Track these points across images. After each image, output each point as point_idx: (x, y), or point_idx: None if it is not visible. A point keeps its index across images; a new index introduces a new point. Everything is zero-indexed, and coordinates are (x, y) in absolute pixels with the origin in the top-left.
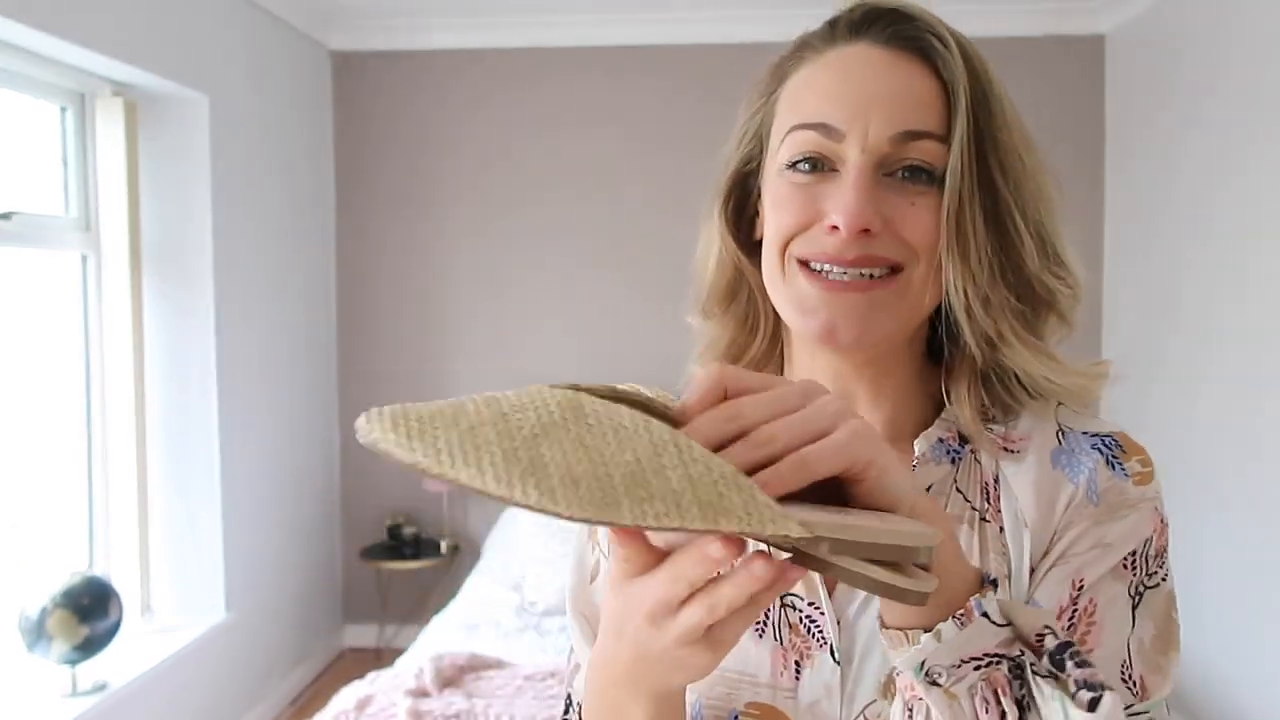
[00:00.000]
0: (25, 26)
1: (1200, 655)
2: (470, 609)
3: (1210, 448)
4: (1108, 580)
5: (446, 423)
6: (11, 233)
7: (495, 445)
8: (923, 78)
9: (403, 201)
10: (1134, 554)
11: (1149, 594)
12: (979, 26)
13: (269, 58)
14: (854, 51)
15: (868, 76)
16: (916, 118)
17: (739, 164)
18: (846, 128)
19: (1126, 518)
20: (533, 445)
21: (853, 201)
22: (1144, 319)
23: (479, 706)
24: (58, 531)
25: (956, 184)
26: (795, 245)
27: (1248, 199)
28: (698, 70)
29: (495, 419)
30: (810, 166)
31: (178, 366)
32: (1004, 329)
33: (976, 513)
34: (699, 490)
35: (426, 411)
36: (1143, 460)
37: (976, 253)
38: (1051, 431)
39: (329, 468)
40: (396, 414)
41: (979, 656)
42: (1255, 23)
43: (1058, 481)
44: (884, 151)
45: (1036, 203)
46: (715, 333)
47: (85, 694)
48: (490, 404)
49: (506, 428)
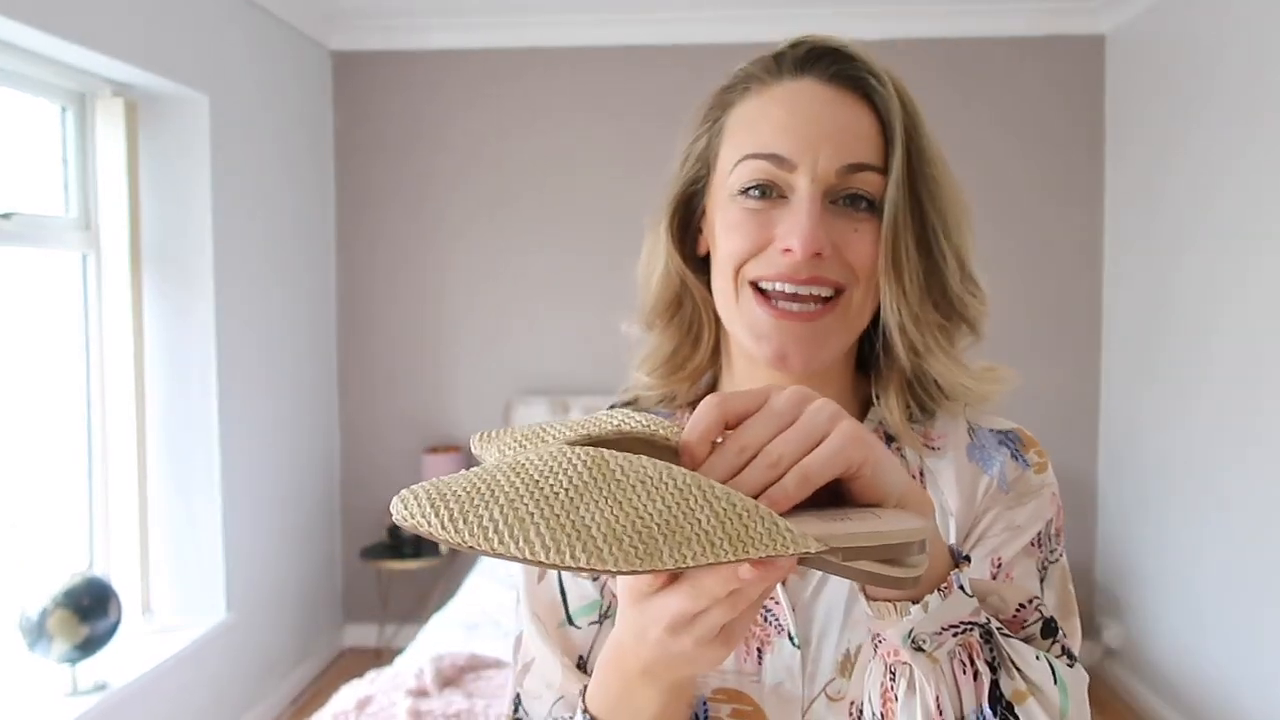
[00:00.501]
0: (25, 26)
1: (1199, 654)
2: (470, 609)
3: (1209, 446)
4: (1020, 557)
5: (485, 499)
6: (11, 233)
7: (538, 516)
8: (863, 114)
9: (403, 201)
10: (1040, 534)
11: (1052, 568)
12: (980, 26)
13: (269, 58)
14: (801, 87)
15: (816, 111)
16: (860, 151)
17: (684, 185)
18: (798, 159)
19: (1030, 502)
20: (572, 510)
21: (807, 226)
22: (1143, 318)
23: (479, 706)
24: (58, 531)
25: (893, 213)
26: (749, 268)
27: (1247, 198)
28: (698, 70)
29: (529, 488)
30: (762, 193)
31: (178, 366)
32: (929, 341)
33: None
34: (727, 527)
35: (461, 489)
36: (1038, 452)
37: (909, 275)
38: (964, 429)
39: (329, 468)
40: (434, 497)
41: (956, 624)
42: (1255, 23)
43: (975, 473)
44: (831, 182)
45: (958, 227)
46: (657, 342)
47: (85, 694)
48: (519, 473)
49: (542, 495)
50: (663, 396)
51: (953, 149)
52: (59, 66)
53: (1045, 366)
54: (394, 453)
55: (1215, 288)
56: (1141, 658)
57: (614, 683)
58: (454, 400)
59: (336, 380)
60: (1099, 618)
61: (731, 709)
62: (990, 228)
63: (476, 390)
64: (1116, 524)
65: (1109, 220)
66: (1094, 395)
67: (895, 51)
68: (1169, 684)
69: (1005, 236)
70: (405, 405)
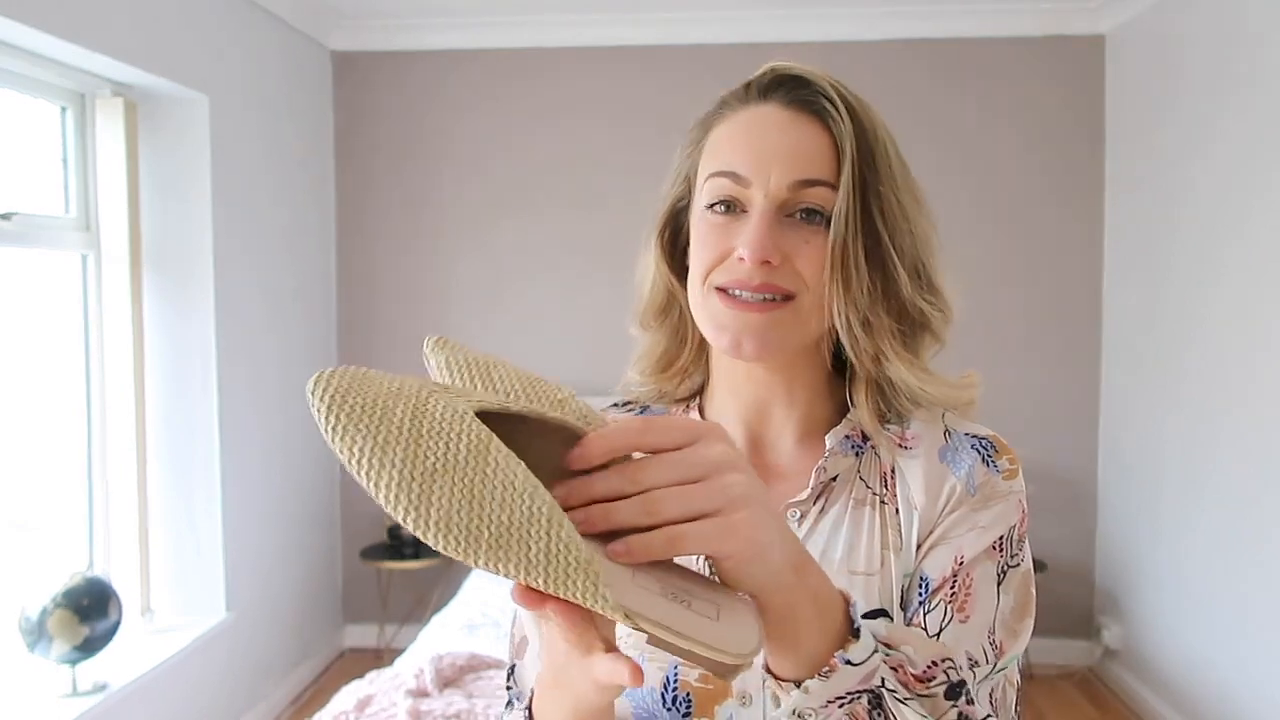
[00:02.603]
0: (25, 26)
1: (1199, 654)
2: (470, 609)
3: (1209, 446)
4: (982, 559)
5: (372, 422)
6: (11, 233)
7: (397, 468)
8: (817, 134)
9: (403, 201)
10: (1002, 538)
11: (1012, 572)
12: (980, 27)
13: (269, 58)
14: (761, 111)
15: (770, 133)
16: (810, 168)
17: (673, 201)
18: (753, 176)
19: (996, 506)
20: (428, 481)
21: (755, 237)
22: (1143, 318)
23: (479, 706)
24: (58, 531)
25: (840, 225)
26: (714, 275)
27: (1247, 198)
28: (700, 70)
29: (410, 438)
30: (725, 208)
31: (178, 366)
32: (884, 347)
33: (877, 496)
34: (551, 566)
35: (366, 399)
36: (1011, 459)
37: (858, 283)
38: (939, 432)
39: (329, 468)
40: (338, 395)
41: (842, 695)
42: (1255, 23)
43: (943, 473)
44: (783, 197)
45: (913, 240)
46: (651, 341)
47: (85, 694)
48: (416, 418)
49: (414, 454)
50: (659, 394)
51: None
52: (59, 66)
53: (1045, 366)
54: None
55: (1215, 288)
56: (1141, 658)
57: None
58: None
59: None
60: (1099, 618)
61: (700, 674)
62: (990, 228)
63: None
64: (1116, 524)
65: (1109, 220)
66: (1094, 395)
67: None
68: (1168, 684)
69: (1005, 236)
70: None
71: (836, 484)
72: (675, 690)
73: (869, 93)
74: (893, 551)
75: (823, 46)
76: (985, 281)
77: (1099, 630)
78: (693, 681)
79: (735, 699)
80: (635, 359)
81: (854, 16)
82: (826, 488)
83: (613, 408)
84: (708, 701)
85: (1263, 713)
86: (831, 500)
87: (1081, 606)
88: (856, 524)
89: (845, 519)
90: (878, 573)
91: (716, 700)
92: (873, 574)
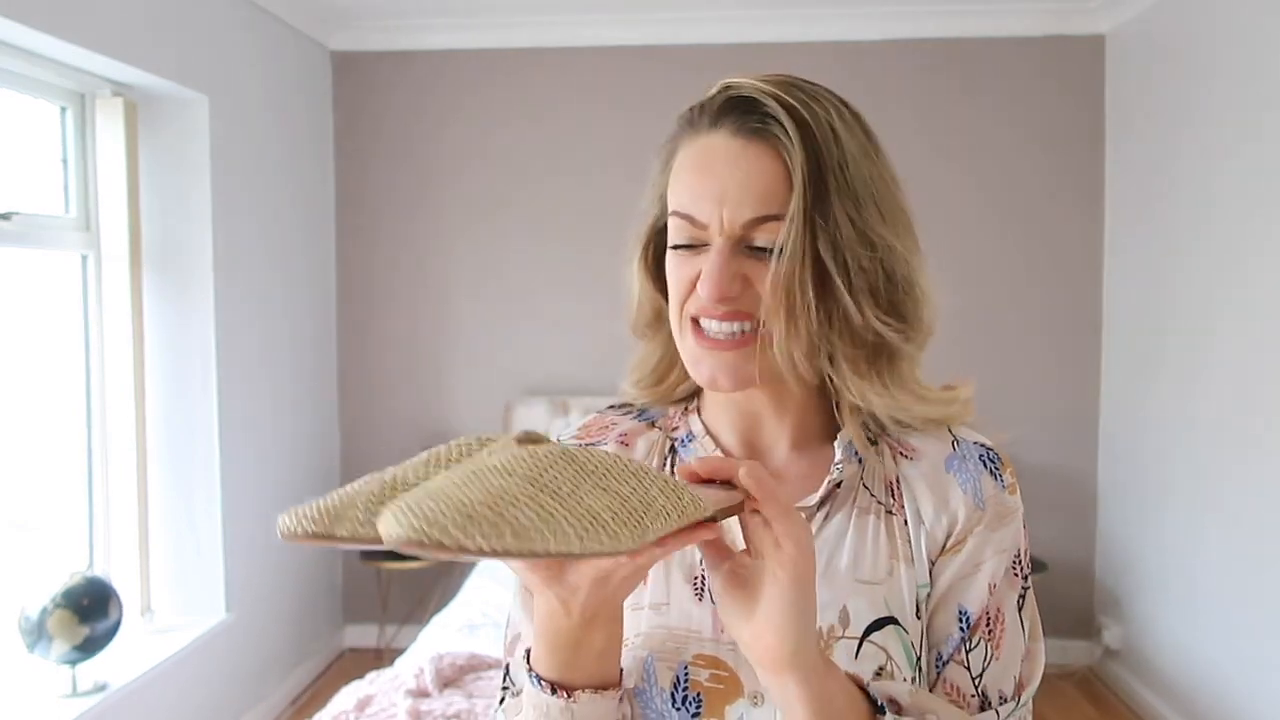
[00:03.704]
0: (25, 27)
1: (1199, 654)
2: (470, 609)
3: (1209, 446)
4: (1005, 588)
5: (500, 504)
6: (11, 233)
7: (560, 510)
8: (768, 164)
9: (403, 201)
10: (1016, 559)
11: (1026, 595)
12: (980, 26)
13: (269, 58)
14: (712, 143)
15: (720, 170)
16: (761, 204)
17: (653, 220)
18: (707, 219)
19: (1008, 525)
20: (577, 500)
21: (711, 279)
22: (1143, 317)
23: (479, 707)
24: (58, 531)
25: (784, 259)
26: (688, 306)
27: (1247, 198)
28: (697, 70)
29: (532, 485)
30: (687, 247)
31: (178, 366)
32: (843, 371)
33: (883, 506)
34: (675, 502)
35: (462, 499)
36: (1011, 473)
37: (803, 313)
38: (947, 440)
39: (329, 468)
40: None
41: None
42: (1254, 22)
43: (948, 484)
44: (738, 234)
45: (874, 259)
46: (645, 352)
47: (85, 694)
48: (508, 473)
49: (547, 490)
50: (655, 398)
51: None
52: (59, 66)
53: (1045, 366)
54: (394, 453)
55: (1215, 287)
56: (1141, 658)
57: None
58: (454, 400)
59: (336, 380)
60: (1099, 618)
61: (710, 674)
62: (990, 227)
63: (476, 390)
64: (1116, 524)
65: (1109, 220)
66: (1094, 395)
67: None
68: (1168, 684)
69: (1005, 236)
70: (405, 405)
71: (841, 490)
72: (685, 690)
73: (869, 93)
74: (903, 562)
75: (822, 46)
76: (985, 281)
77: (1099, 630)
78: (703, 681)
79: (747, 699)
80: (630, 369)
81: (854, 16)
82: (831, 494)
83: (610, 410)
84: (718, 701)
85: (1263, 713)
86: (836, 507)
87: (1081, 606)
88: (862, 533)
89: (850, 527)
90: (885, 581)
91: (727, 700)
92: (879, 583)
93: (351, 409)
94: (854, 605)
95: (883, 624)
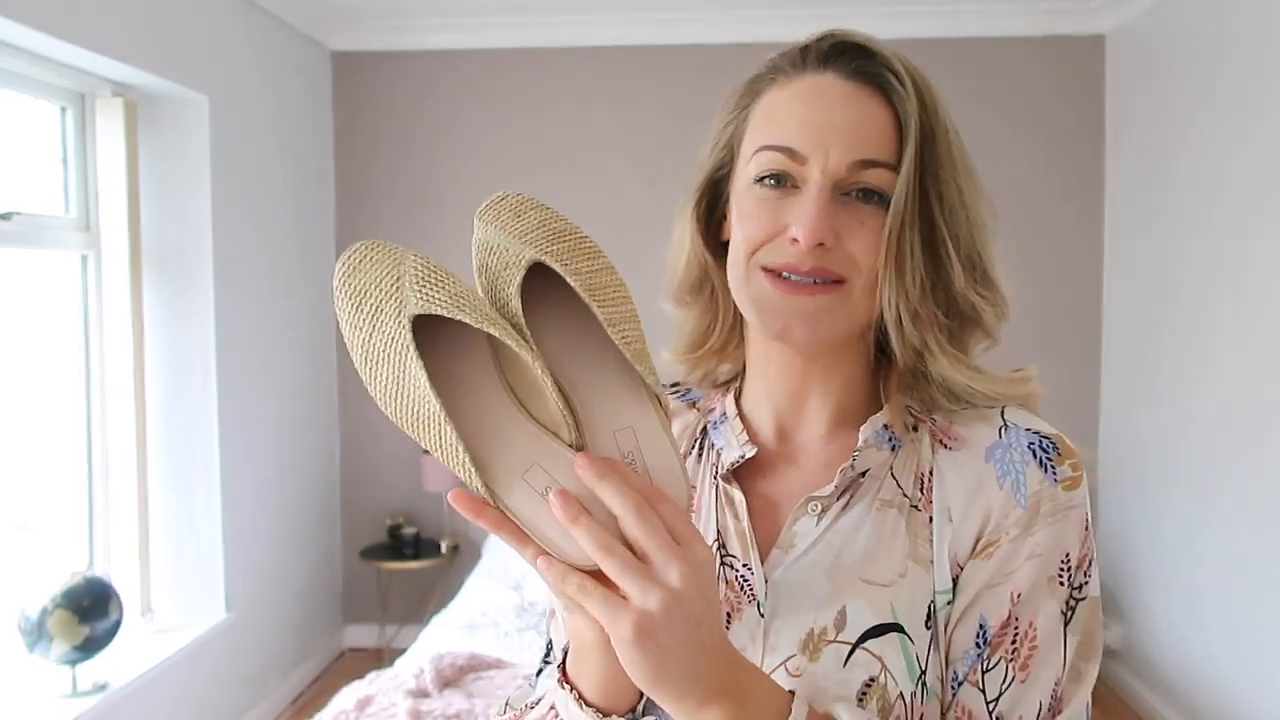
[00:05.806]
0: (25, 27)
1: (1199, 654)
2: (470, 609)
3: (1209, 446)
4: (1043, 597)
5: (350, 309)
6: (11, 233)
7: (357, 350)
8: (879, 110)
9: (403, 201)
10: (1064, 566)
11: (1079, 607)
12: (980, 27)
13: (269, 58)
14: (821, 81)
15: (831, 106)
16: (871, 147)
17: (711, 170)
18: (809, 153)
19: (1054, 525)
20: (371, 366)
21: (812, 217)
22: (1143, 317)
23: (479, 706)
24: (58, 531)
25: (899, 210)
26: (760, 254)
27: (1247, 197)
28: (699, 69)
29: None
30: (775, 183)
31: (178, 366)
32: (929, 340)
33: (908, 500)
34: (447, 456)
35: (357, 285)
36: (1074, 465)
37: (911, 272)
38: (995, 427)
39: (329, 468)
40: (346, 270)
41: None
42: (1254, 22)
43: (985, 476)
44: (840, 175)
45: (970, 229)
46: (684, 319)
47: (85, 694)
48: (376, 312)
49: (367, 341)
50: (701, 377)
51: None
52: (59, 67)
53: (1045, 366)
54: (394, 453)
55: (1215, 287)
56: (1141, 658)
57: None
58: None
59: (336, 380)
60: None
61: None
62: (990, 227)
63: None
64: (1116, 524)
65: (1109, 220)
66: (1094, 395)
67: None
68: (1169, 684)
69: (1005, 236)
70: None
71: (866, 479)
72: None
73: None
74: (919, 564)
75: None
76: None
77: None
78: None
79: None
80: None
81: (854, 16)
82: (854, 483)
83: None
84: None
85: (1264, 712)
86: (857, 497)
87: None
88: (879, 529)
89: (867, 521)
90: (895, 584)
91: None
92: (889, 585)
93: (351, 409)
94: (854, 607)
95: (884, 630)
